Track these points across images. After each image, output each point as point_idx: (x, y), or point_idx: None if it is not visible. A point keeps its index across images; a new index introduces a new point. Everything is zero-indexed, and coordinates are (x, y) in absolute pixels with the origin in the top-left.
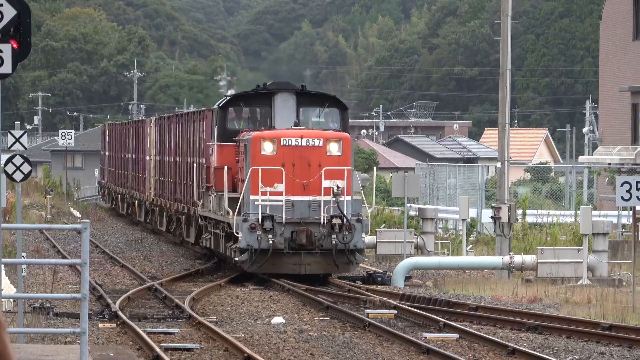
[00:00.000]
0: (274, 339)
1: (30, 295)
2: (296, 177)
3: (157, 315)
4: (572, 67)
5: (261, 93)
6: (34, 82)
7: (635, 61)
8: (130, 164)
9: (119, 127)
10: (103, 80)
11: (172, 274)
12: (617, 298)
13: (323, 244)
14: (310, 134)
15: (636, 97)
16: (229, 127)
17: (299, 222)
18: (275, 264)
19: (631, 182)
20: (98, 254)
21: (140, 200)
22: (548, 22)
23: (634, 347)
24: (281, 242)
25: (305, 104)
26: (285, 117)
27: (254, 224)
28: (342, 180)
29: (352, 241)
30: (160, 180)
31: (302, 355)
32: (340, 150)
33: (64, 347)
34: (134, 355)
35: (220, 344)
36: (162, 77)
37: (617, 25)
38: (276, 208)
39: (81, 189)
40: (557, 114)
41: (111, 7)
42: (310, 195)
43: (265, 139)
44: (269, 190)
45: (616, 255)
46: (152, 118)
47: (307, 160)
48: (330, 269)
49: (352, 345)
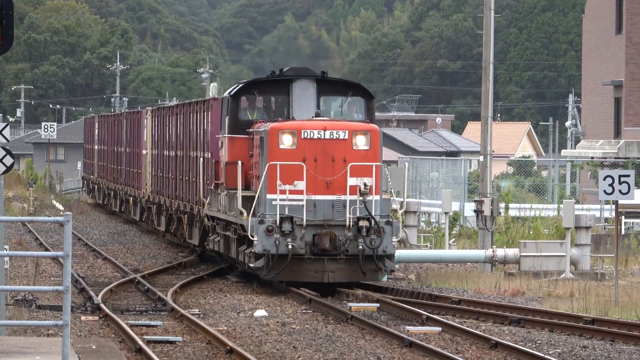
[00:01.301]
0: (256, 332)
1: (13, 287)
2: (318, 173)
3: (139, 308)
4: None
5: (277, 80)
6: (16, 74)
7: (618, 55)
8: (123, 158)
9: (111, 118)
10: (86, 73)
11: (155, 266)
12: (600, 292)
13: (348, 249)
14: (334, 126)
15: (619, 91)
16: (242, 118)
17: (322, 224)
18: (295, 271)
19: (614, 176)
20: (80, 247)
21: (135, 197)
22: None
23: (617, 341)
24: (301, 246)
25: (327, 92)
26: (304, 107)
27: (271, 226)
28: (370, 178)
29: (381, 246)
30: (158, 175)
31: (284, 348)
32: (368, 144)
33: (47, 339)
34: (116, 348)
35: (202, 336)
36: (145, 70)
37: (600, 19)
38: (296, 208)
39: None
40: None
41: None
42: (334, 194)
43: (284, 131)
44: (288, 189)
45: (599, 249)
46: (148, 109)
47: (331, 154)
48: (356, 276)
49: (335, 338)
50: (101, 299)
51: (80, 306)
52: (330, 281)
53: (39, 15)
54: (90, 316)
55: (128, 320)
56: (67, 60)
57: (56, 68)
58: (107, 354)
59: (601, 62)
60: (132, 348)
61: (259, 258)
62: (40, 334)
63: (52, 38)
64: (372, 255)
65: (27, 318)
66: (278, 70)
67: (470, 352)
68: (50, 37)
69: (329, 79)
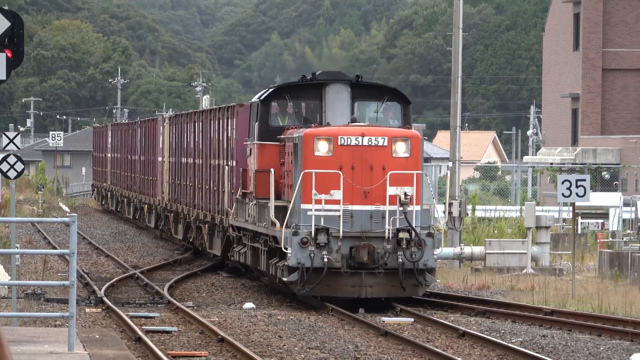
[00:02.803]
0: (245, 323)
1: (23, 282)
2: (356, 182)
3: (138, 301)
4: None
5: (310, 84)
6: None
7: (575, 70)
8: (138, 165)
9: (125, 127)
10: (89, 86)
11: (153, 263)
12: (558, 286)
13: (387, 262)
14: (372, 132)
15: (576, 103)
16: (272, 124)
17: (359, 236)
18: (331, 286)
19: (571, 180)
20: (85, 245)
21: (150, 204)
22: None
23: (573, 331)
24: (338, 259)
25: (361, 97)
26: (338, 112)
27: (305, 238)
28: (410, 187)
29: (422, 259)
30: (175, 183)
31: (271, 337)
32: (408, 151)
33: (54, 329)
34: (117, 337)
35: (196, 327)
36: (144, 84)
37: (559, 37)
38: (332, 219)
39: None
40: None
41: (97, 19)
42: (373, 204)
43: (319, 137)
44: (323, 198)
45: (557, 247)
46: (165, 116)
47: (369, 162)
48: (395, 291)
49: (317, 328)
50: (104, 293)
51: (84, 299)
52: (368, 296)
53: (47, 34)
54: (93, 308)
55: (128, 312)
56: (73, 75)
57: (62, 82)
58: (109, 343)
59: (560, 76)
60: (132, 337)
61: (292, 272)
62: (48, 324)
63: (59, 54)
64: (412, 269)
65: (36, 310)
66: (310, 74)
67: (440, 340)
68: (57, 53)
69: (364, 83)
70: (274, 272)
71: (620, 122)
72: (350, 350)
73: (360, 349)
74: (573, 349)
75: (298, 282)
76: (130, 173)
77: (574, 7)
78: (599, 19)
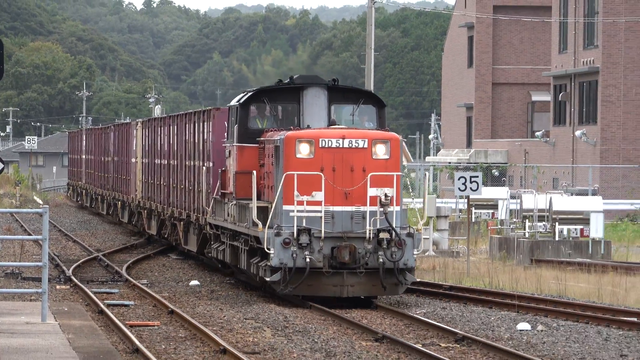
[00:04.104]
0: (191, 298)
1: (3, 263)
2: (337, 184)
3: (101, 279)
4: (420, 89)
5: (287, 88)
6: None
7: (469, 84)
8: (111, 166)
9: (98, 131)
10: (59, 98)
11: (113, 247)
12: (455, 266)
13: (368, 262)
14: (353, 134)
15: (470, 111)
16: (251, 127)
17: (341, 236)
18: (313, 285)
19: (466, 176)
20: (56, 232)
21: (124, 201)
22: (402, 54)
23: (468, 304)
24: (319, 259)
25: (338, 100)
26: (315, 116)
27: (288, 239)
28: (390, 188)
29: (403, 259)
30: (149, 183)
31: (213, 310)
32: (388, 153)
33: (30, 303)
34: (83, 310)
35: (150, 301)
36: (105, 96)
37: (456, 56)
38: (313, 220)
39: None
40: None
41: (66, 41)
42: (353, 205)
43: (301, 140)
44: (305, 200)
45: (454, 233)
46: (138, 121)
47: (350, 164)
48: (376, 290)
49: (252, 302)
50: (71, 273)
51: (55, 278)
52: (349, 295)
53: (23, 54)
54: (63, 285)
55: (92, 289)
56: (45, 88)
57: (36, 94)
58: (76, 315)
59: (456, 89)
60: (95, 310)
61: (275, 272)
62: (24, 299)
63: (34, 71)
64: (392, 269)
65: (14, 287)
66: (286, 79)
67: (355, 312)
68: (32, 70)
69: (340, 86)
70: (256, 271)
71: (507, 128)
72: (280, 320)
73: (289, 319)
74: (468, 319)
75: (281, 282)
76: (103, 173)
77: (468, 31)
78: (489, 41)
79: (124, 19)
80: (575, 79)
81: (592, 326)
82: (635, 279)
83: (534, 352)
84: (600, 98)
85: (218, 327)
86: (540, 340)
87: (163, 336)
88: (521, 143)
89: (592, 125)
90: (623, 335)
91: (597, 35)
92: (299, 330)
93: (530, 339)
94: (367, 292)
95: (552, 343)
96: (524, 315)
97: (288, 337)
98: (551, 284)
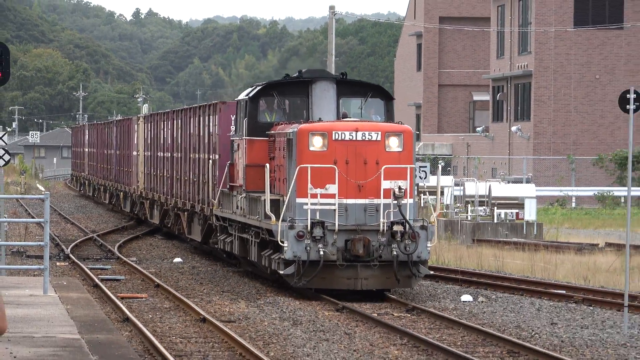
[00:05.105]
0: (175, 273)
1: (10, 243)
2: (350, 176)
3: (96, 257)
4: None
5: (296, 81)
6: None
7: (418, 85)
8: (113, 158)
9: (100, 126)
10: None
11: (106, 229)
12: None
13: (382, 254)
14: (366, 127)
15: (419, 110)
16: (261, 120)
17: (355, 229)
18: (327, 278)
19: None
20: (56, 216)
21: (126, 192)
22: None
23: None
24: (333, 252)
25: (346, 93)
26: (324, 109)
27: (302, 232)
28: (404, 181)
29: (416, 251)
30: (151, 174)
31: (194, 284)
32: (401, 146)
33: (33, 278)
34: (80, 284)
35: (138, 276)
36: (99, 96)
37: (406, 61)
38: (327, 213)
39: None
40: None
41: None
42: (367, 197)
43: (314, 133)
44: (319, 192)
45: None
46: (140, 116)
47: (363, 157)
48: (390, 283)
49: (229, 277)
50: (70, 251)
51: (55, 255)
52: (363, 288)
53: (27, 59)
54: (62, 262)
55: (88, 265)
56: (46, 89)
57: (39, 95)
58: (74, 288)
59: (407, 90)
60: (91, 284)
61: (288, 265)
62: (29, 275)
63: (36, 74)
64: (406, 262)
65: (19, 264)
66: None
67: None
68: (35, 73)
69: (349, 80)
70: (267, 264)
71: (452, 124)
72: (253, 293)
73: (261, 292)
74: (418, 292)
75: (294, 275)
76: (106, 165)
77: (417, 39)
78: (435, 48)
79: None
80: (511, 81)
81: (526, 298)
82: (563, 256)
83: (475, 321)
84: (533, 98)
85: (198, 298)
86: (481, 310)
87: (150, 307)
88: (464, 137)
89: (526, 122)
90: (553, 306)
91: (530, 43)
92: (270, 302)
93: (472, 309)
94: (381, 285)
95: (491, 313)
96: (466, 288)
97: (260, 308)
98: (490, 261)
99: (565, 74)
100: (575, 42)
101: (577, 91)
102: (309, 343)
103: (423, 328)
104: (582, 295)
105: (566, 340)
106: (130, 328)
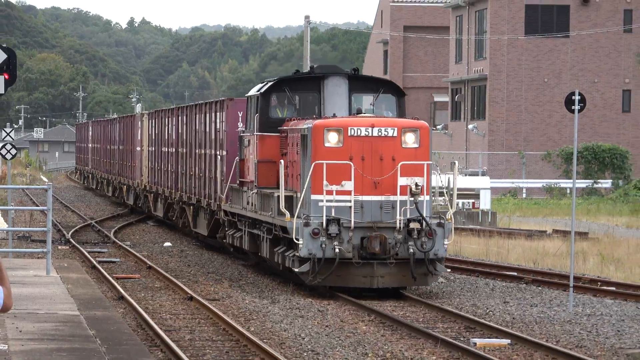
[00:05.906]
0: (165, 256)
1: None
2: (366, 173)
3: (93, 241)
4: None
5: (308, 77)
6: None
7: None
8: (117, 154)
9: (104, 123)
10: (61, 98)
11: (103, 216)
12: None
13: (399, 252)
14: (382, 123)
15: None
16: (272, 116)
17: (371, 226)
18: (342, 276)
19: None
20: (58, 204)
21: (129, 185)
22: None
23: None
24: (349, 250)
25: (358, 89)
26: (336, 105)
27: (317, 229)
28: (421, 177)
29: (433, 249)
30: (156, 169)
31: (182, 266)
32: (417, 142)
33: (37, 260)
34: (79, 266)
35: (132, 258)
36: (97, 96)
37: (374, 66)
38: (343, 210)
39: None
40: None
41: (66, 53)
42: (383, 194)
43: (330, 129)
44: (335, 189)
45: None
46: (143, 113)
47: (379, 153)
48: (406, 281)
49: (214, 259)
50: (70, 236)
51: (57, 240)
52: (379, 286)
53: (32, 63)
54: (63, 246)
55: (86, 249)
56: (49, 90)
57: (43, 95)
58: (74, 269)
59: None
60: (89, 265)
61: (303, 262)
62: (33, 257)
63: (40, 77)
64: (423, 259)
65: (25, 247)
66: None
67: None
68: (39, 76)
69: (360, 76)
70: (281, 260)
71: None
72: (235, 274)
73: (242, 274)
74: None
75: (309, 273)
76: (109, 159)
77: (384, 46)
78: (400, 54)
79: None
80: (468, 84)
81: (481, 279)
82: (515, 241)
83: (435, 300)
84: (488, 99)
85: (186, 279)
86: (441, 291)
87: (142, 286)
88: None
89: (482, 121)
90: (506, 286)
91: (486, 50)
92: (251, 282)
93: (432, 290)
94: (397, 283)
95: (450, 292)
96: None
97: (242, 288)
98: (449, 246)
99: (517, 77)
100: (526, 49)
101: (528, 93)
102: (286, 319)
103: (388, 306)
104: (531, 276)
105: (517, 317)
106: (124, 305)
